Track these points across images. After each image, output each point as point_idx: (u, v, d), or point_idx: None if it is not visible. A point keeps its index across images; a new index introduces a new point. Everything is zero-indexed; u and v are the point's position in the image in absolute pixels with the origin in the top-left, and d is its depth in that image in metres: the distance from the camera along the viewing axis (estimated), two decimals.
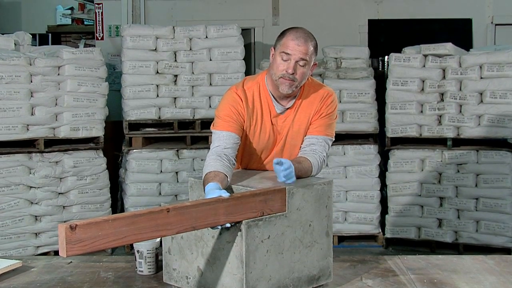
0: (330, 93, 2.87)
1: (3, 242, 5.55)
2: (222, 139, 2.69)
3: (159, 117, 6.26)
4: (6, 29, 8.44)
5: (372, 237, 6.43)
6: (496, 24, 7.98)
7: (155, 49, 6.22)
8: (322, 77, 6.34)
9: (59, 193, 5.83)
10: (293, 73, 2.67)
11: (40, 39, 9.70)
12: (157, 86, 6.24)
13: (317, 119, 2.82)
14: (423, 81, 6.08)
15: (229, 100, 2.77)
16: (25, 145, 5.74)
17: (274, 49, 2.77)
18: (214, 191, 2.34)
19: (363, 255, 3.12)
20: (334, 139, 2.90)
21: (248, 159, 2.89)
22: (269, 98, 2.80)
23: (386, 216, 6.28)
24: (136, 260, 2.72)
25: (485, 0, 7.94)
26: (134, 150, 6.24)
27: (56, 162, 5.82)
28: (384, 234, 6.31)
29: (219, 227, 2.29)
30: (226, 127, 2.71)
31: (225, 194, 2.28)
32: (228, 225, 2.28)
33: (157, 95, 6.24)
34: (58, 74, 5.80)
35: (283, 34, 2.75)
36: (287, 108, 2.82)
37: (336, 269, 2.72)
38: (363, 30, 8.06)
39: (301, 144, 2.84)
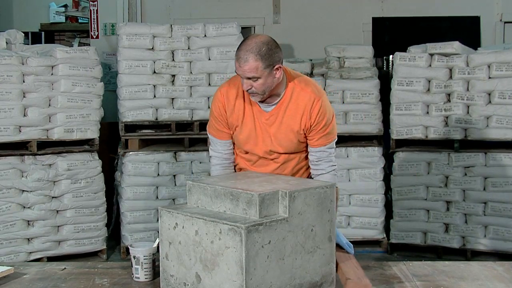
0: (318, 97, 2.92)
1: None
2: (219, 145, 3.10)
3: (156, 119, 6.16)
4: None
5: (376, 243, 6.34)
6: (505, 22, 7.90)
7: (152, 48, 6.12)
8: (324, 77, 6.25)
9: (53, 197, 5.75)
10: (249, 89, 2.81)
11: (33, 38, 9.68)
12: (154, 86, 6.14)
13: (314, 131, 2.94)
14: (429, 81, 5.99)
15: (214, 100, 3.04)
16: (17, 147, 5.67)
17: None
18: None
19: (367, 261, 3.08)
20: (337, 138, 3.08)
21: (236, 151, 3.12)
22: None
23: (391, 220, 6.20)
24: (132, 266, 2.70)
25: None
26: (130, 153, 6.13)
27: (50, 165, 5.73)
28: (388, 239, 6.23)
29: None
30: (220, 136, 3.07)
31: None
32: None
33: (154, 96, 6.14)
34: (52, 74, 5.71)
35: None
36: (274, 106, 2.94)
37: None
38: (367, 29, 7.99)
39: (294, 147, 3.00)
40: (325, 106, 2.94)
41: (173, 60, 6.14)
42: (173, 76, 6.15)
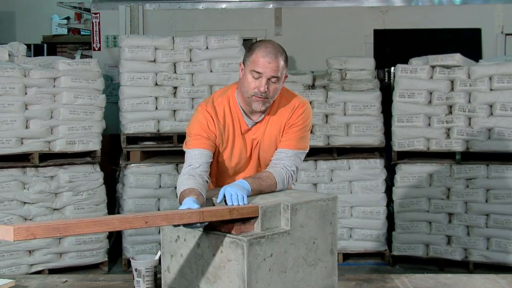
0: (302, 104, 2.84)
1: None
2: (194, 158, 2.73)
3: (158, 130, 6.15)
4: (0, 40, 8.35)
5: (378, 255, 6.31)
6: (506, 34, 7.88)
7: (154, 60, 6.12)
8: (326, 89, 6.24)
9: (54, 209, 5.73)
10: (265, 91, 2.65)
11: (35, 50, 9.68)
12: (156, 98, 6.13)
13: (288, 131, 2.81)
14: (431, 93, 5.98)
15: (199, 118, 2.80)
16: (19, 159, 5.66)
17: (244, 64, 2.73)
18: (188, 203, 2.34)
19: (369, 273, 3.04)
20: (307, 150, 2.88)
21: (222, 175, 2.88)
22: (240, 114, 2.81)
23: (393, 232, 6.17)
24: (134, 278, 2.68)
25: (494, 9, 7.85)
26: (132, 164, 6.12)
27: (51, 177, 5.72)
28: (390, 251, 6.19)
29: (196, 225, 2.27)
30: (198, 145, 2.76)
31: (195, 206, 2.29)
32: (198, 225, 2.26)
33: (156, 108, 6.14)
34: (54, 86, 5.71)
35: (252, 49, 2.72)
36: (257, 122, 2.82)
37: None
38: (368, 41, 7.97)
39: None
40: (308, 113, 2.84)
41: (175, 72, 6.14)
42: (175, 88, 6.15)
